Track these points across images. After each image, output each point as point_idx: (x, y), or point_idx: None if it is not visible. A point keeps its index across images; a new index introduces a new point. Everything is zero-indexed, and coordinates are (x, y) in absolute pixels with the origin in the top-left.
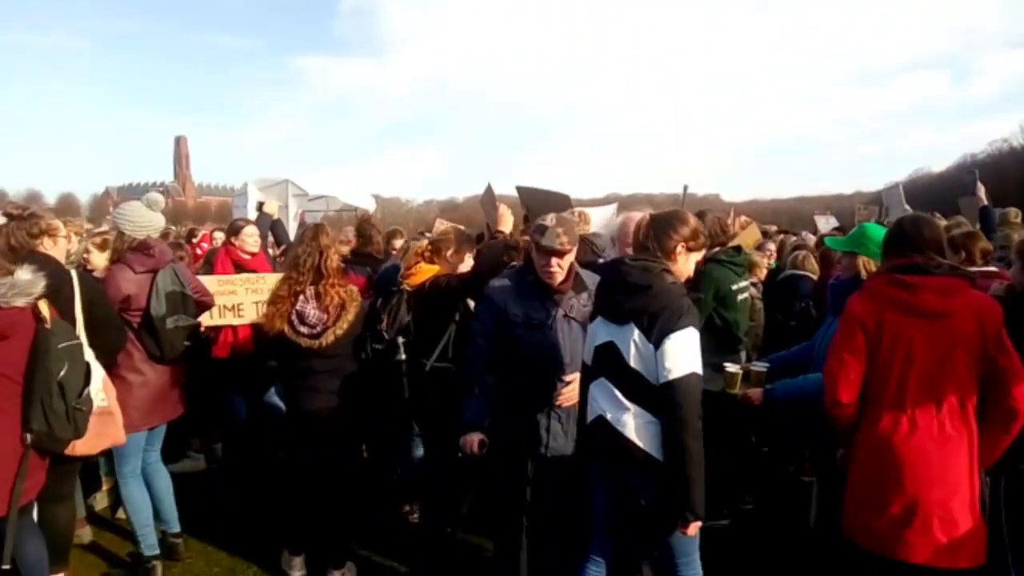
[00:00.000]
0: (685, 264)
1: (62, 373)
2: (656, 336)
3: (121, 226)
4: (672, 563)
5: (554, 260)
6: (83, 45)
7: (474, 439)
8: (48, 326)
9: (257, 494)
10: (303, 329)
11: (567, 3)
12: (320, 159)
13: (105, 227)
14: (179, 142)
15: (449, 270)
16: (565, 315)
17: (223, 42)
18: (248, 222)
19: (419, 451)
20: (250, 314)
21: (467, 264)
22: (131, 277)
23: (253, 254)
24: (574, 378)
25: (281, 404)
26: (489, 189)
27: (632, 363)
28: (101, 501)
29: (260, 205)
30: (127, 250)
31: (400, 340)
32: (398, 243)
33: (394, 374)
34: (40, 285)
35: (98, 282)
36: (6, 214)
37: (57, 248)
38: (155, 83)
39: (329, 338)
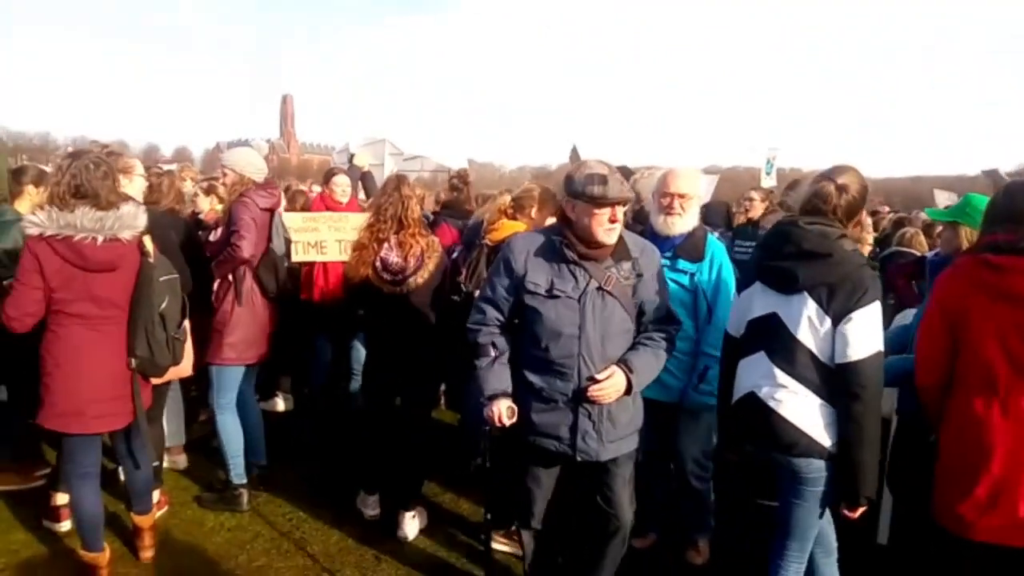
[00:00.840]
0: (860, 232)
1: (163, 305)
2: (836, 311)
3: (241, 168)
4: (783, 547)
5: (617, 212)
6: (200, 5)
7: (500, 407)
8: (151, 260)
9: (337, 435)
10: (386, 276)
11: None
12: (418, 121)
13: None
14: (285, 100)
15: (532, 228)
16: (599, 287)
17: (323, 2)
18: (340, 171)
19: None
20: (333, 252)
21: (550, 223)
22: (256, 211)
23: (343, 203)
24: (610, 373)
25: (363, 349)
26: (575, 149)
27: (801, 338)
28: (198, 431)
29: (351, 158)
30: (251, 189)
31: (477, 293)
32: None
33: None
34: (142, 219)
35: (177, 221)
36: (95, 152)
37: (133, 186)
38: (264, 41)
39: (410, 285)
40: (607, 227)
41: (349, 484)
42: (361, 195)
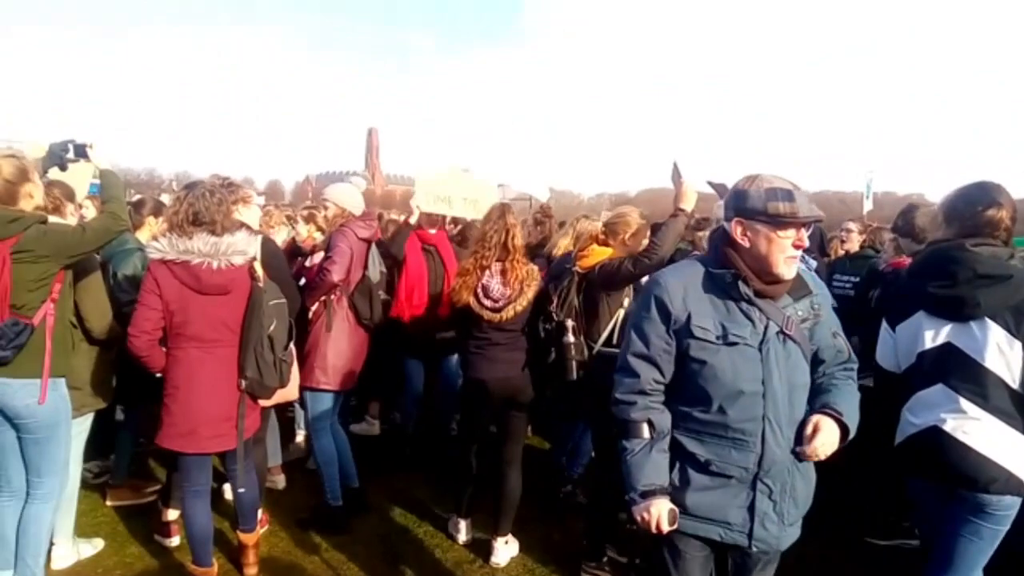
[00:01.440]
0: None
1: (271, 328)
2: None
3: (341, 202)
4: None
5: (803, 236)
6: (293, 42)
7: (660, 508)
8: (261, 284)
9: (429, 458)
10: (487, 302)
11: None
12: (499, 149)
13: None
14: (371, 133)
15: (623, 255)
16: (780, 331)
17: (407, 38)
18: None
19: (586, 441)
20: (458, 208)
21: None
22: (354, 240)
23: (435, 232)
24: (816, 423)
25: (458, 373)
26: (676, 167)
27: (990, 366)
28: (294, 452)
29: None
30: (351, 220)
31: (569, 322)
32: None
33: (561, 355)
34: (254, 246)
35: (277, 248)
36: (214, 182)
37: (250, 214)
38: (351, 77)
39: (509, 312)
40: (789, 255)
41: (441, 508)
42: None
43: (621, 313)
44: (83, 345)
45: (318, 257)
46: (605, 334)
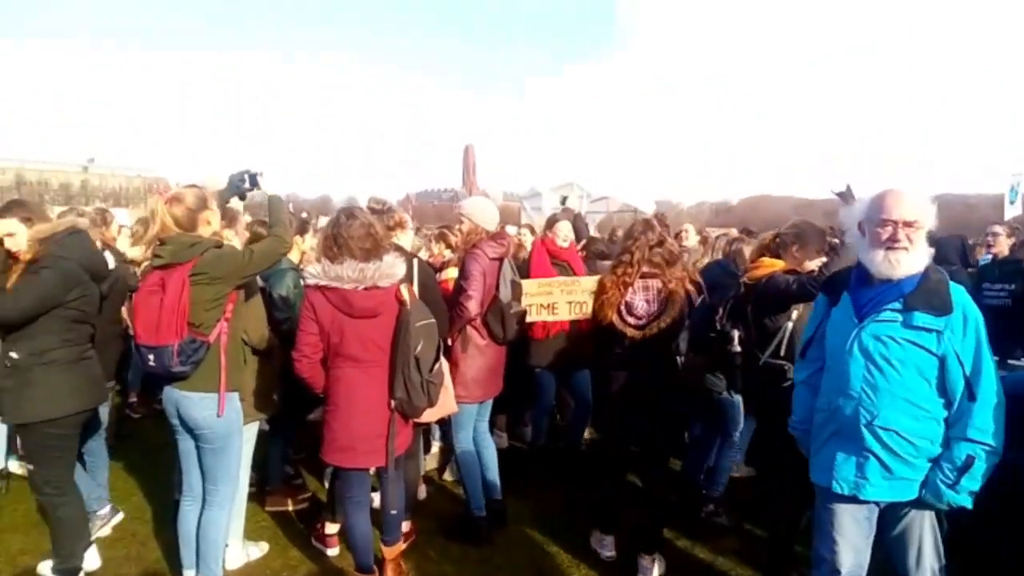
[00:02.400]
0: None
1: (419, 348)
2: None
3: (476, 219)
4: None
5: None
6: (389, 65)
7: None
8: (408, 307)
9: (568, 472)
10: (630, 319)
11: None
12: (599, 162)
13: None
14: (467, 151)
15: (794, 267)
16: None
17: (502, 56)
18: (563, 217)
19: (725, 459)
20: (563, 312)
21: (815, 263)
22: (485, 262)
23: (564, 248)
24: None
25: (589, 387)
26: (849, 190)
27: None
28: (431, 463)
29: (564, 200)
30: (481, 239)
31: (735, 333)
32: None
33: (728, 366)
34: (401, 269)
35: (431, 269)
36: (370, 208)
37: (406, 238)
38: (448, 94)
39: (654, 329)
40: None
41: (579, 522)
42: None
43: (789, 326)
44: (250, 359)
45: (446, 273)
46: (772, 346)
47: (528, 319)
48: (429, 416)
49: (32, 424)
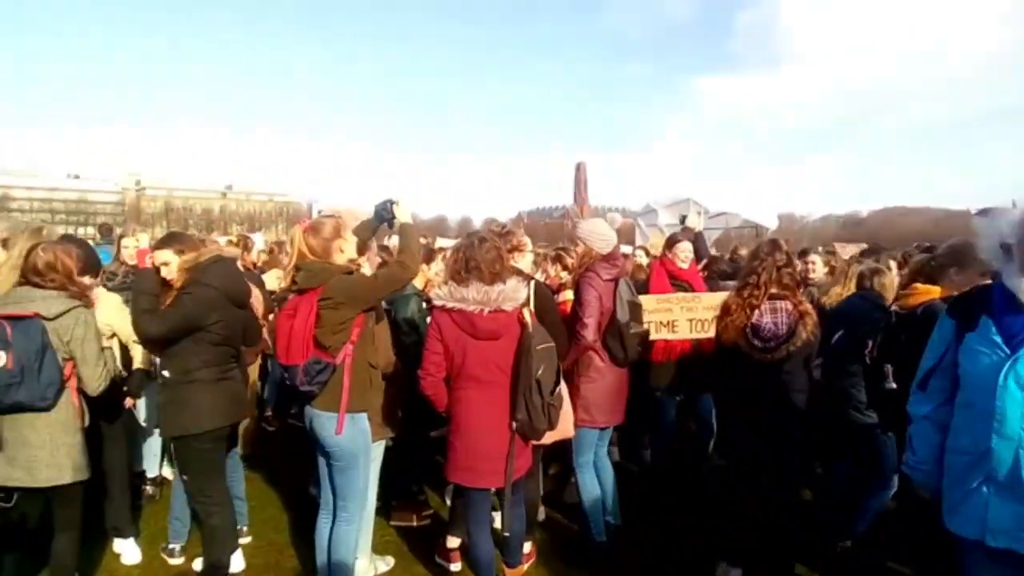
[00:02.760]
0: None
1: (540, 372)
2: None
3: (590, 241)
4: None
5: None
6: (499, 80)
7: None
8: (529, 330)
9: (687, 497)
10: (756, 342)
11: None
12: (717, 177)
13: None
14: (579, 168)
15: (953, 292)
16: None
17: (617, 71)
18: (683, 238)
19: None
20: (683, 330)
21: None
22: (599, 284)
23: (685, 268)
24: None
25: (711, 411)
26: None
27: None
28: (546, 484)
29: (683, 218)
30: (596, 261)
31: (888, 367)
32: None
33: (881, 402)
34: (524, 293)
35: (549, 292)
36: (491, 231)
37: (525, 261)
38: (557, 113)
39: (782, 352)
40: None
41: (706, 551)
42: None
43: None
44: (377, 381)
45: (564, 295)
46: None
47: (650, 337)
48: (547, 439)
49: (182, 437)
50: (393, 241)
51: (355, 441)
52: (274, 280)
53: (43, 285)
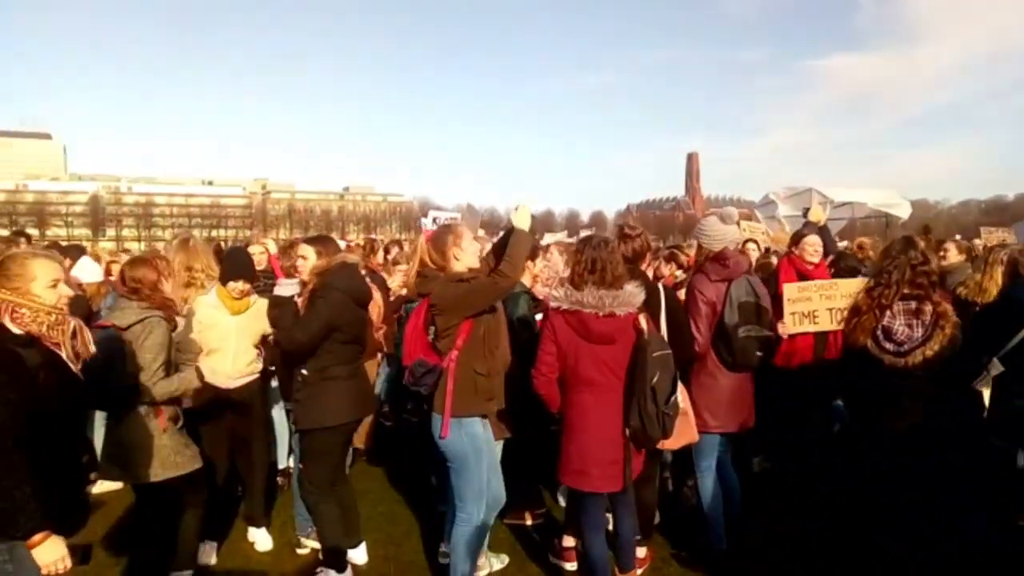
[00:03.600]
0: None
1: (655, 379)
2: None
3: (700, 239)
4: None
5: None
6: (604, 72)
7: None
8: (645, 336)
9: (815, 509)
10: (888, 346)
11: None
12: (837, 164)
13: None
14: (691, 158)
15: None
16: None
17: (728, 57)
18: (810, 232)
19: None
20: (824, 321)
21: None
22: (708, 285)
23: (815, 264)
24: None
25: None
26: None
27: None
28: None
29: (805, 211)
30: (706, 260)
31: None
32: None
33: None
34: (639, 298)
35: (675, 297)
36: (624, 233)
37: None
38: (670, 104)
39: (917, 358)
40: None
41: (825, 561)
42: None
43: None
44: (484, 387)
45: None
46: None
47: (790, 330)
48: (670, 444)
49: (312, 430)
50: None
51: (460, 444)
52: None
53: (130, 297)
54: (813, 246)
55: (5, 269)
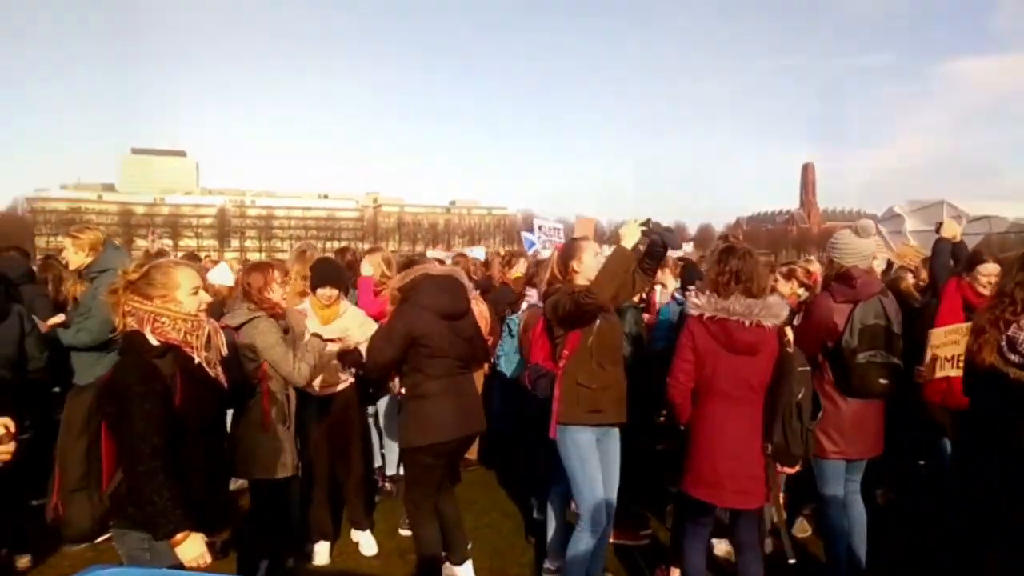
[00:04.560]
0: None
1: (800, 395)
2: None
3: (831, 254)
4: None
5: None
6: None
7: None
8: (790, 349)
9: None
10: (1014, 357)
11: None
12: (974, 175)
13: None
14: (806, 169)
15: None
16: None
17: (847, 61)
18: (988, 256)
19: None
20: None
21: None
22: (832, 306)
23: (986, 295)
24: None
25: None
26: None
27: None
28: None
29: (938, 226)
30: (832, 278)
31: None
32: None
33: None
34: (785, 312)
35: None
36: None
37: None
38: (783, 112)
39: None
40: None
41: None
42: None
43: None
44: (585, 399)
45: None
46: None
47: (929, 376)
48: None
49: (409, 449)
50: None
51: (564, 449)
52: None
53: (243, 300)
54: (989, 274)
55: (150, 278)
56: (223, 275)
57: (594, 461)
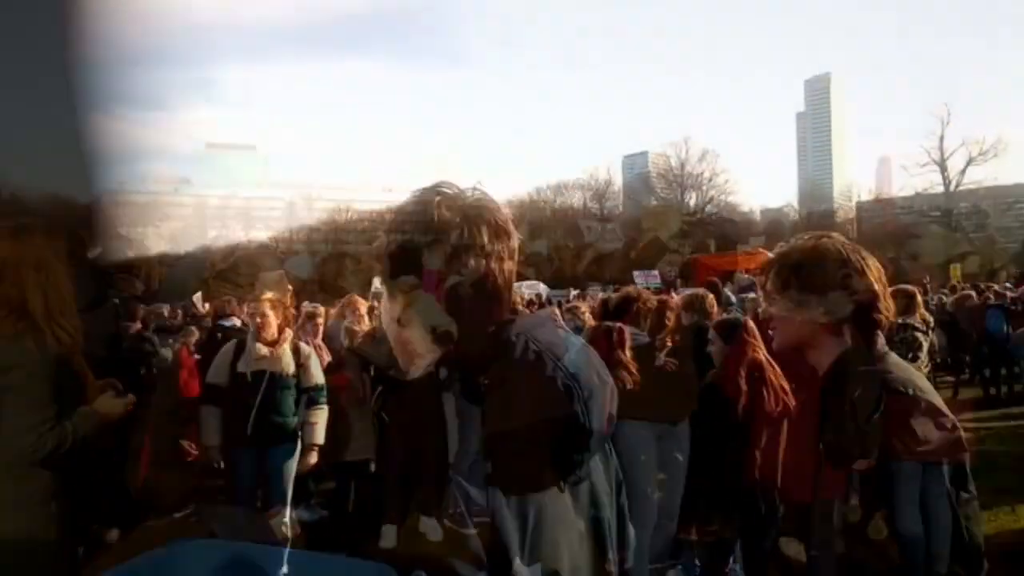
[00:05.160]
0: None
1: (856, 394)
2: None
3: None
4: None
5: None
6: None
7: None
8: (848, 347)
9: None
10: None
11: None
12: None
13: None
14: (880, 162)
15: None
16: None
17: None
18: None
19: None
20: None
21: None
22: None
23: None
24: None
25: None
26: None
27: None
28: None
29: None
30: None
31: None
32: None
33: None
34: (847, 308)
35: None
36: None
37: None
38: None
39: None
40: None
41: None
42: None
43: None
44: None
45: None
46: None
47: None
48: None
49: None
50: None
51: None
52: None
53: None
54: None
55: (236, 268)
56: (301, 266)
57: (642, 463)
